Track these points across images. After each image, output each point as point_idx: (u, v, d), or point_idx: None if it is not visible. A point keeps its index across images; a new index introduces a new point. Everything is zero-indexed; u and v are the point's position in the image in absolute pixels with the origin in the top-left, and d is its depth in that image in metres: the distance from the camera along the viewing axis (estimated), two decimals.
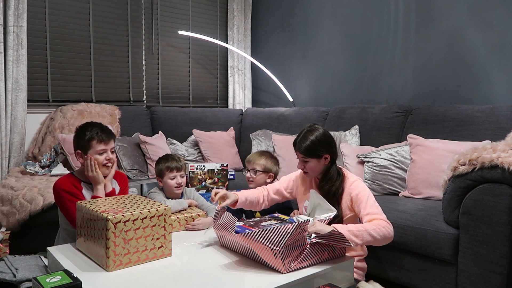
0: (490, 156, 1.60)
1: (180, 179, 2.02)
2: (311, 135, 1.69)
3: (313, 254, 1.38)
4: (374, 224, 1.52)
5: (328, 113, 3.17)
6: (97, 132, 1.74)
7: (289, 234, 1.29)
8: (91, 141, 1.72)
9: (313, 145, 1.68)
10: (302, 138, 1.71)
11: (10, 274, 1.53)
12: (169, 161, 2.04)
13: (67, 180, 1.75)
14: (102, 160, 1.74)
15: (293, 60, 3.79)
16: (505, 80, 2.42)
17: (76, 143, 1.76)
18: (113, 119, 3.09)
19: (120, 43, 3.43)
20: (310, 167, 1.71)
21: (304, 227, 1.35)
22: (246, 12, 4.09)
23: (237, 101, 4.10)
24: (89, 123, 1.80)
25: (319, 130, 1.71)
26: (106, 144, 1.75)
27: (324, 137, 1.71)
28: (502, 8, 2.41)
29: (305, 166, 1.72)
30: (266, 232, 1.32)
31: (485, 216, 1.59)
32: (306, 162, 1.71)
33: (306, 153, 1.69)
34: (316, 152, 1.68)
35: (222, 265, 1.41)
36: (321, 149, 1.68)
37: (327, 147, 1.70)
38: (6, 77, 2.73)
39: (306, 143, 1.69)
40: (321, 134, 1.70)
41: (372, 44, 3.12)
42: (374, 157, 2.40)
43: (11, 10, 2.70)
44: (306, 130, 1.73)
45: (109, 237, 1.34)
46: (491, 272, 1.58)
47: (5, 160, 2.77)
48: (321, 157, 1.69)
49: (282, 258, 1.30)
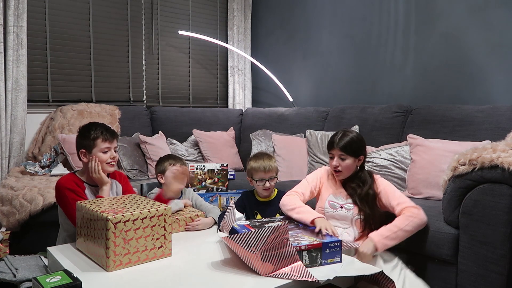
0: (490, 156, 1.60)
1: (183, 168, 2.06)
2: (350, 134, 1.80)
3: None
4: (406, 218, 1.64)
5: (328, 113, 3.17)
6: (101, 131, 1.76)
7: (266, 238, 1.28)
8: (96, 139, 1.75)
9: (354, 142, 1.77)
10: (342, 135, 1.79)
11: (10, 274, 1.53)
12: (171, 157, 2.11)
13: (70, 178, 1.76)
14: (106, 159, 1.77)
15: (293, 60, 3.79)
16: (505, 80, 2.42)
17: (79, 143, 1.78)
18: (113, 119, 3.09)
19: (120, 43, 3.43)
20: (347, 165, 1.77)
21: (283, 229, 1.33)
22: (246, 12, 4.09)
23: (237, 101, 4.10)
24: (92, 123, 1.82)
25: (355, 132, 1.83)
26: (110, 143, 1.78)
27: (361, 138, 1.83)
28: (502, 8, 2.41)
29: (341, 164, 1.77)
30: (245, 236, 1.33)
31: (485, 216, 1.59)
32: (343, 159, 1.77)
33: (346, 149, 1.76)
34: (355, 150, 1.77)
35: (222, 265, 1.41)
36: (360, 148, 1.79)
37: (363, 148, 1.81)
38: (6, 77, 2.73)
39: (346, 139, 1.76)
40: (359, 135, 1.82)
41: (372, 44, 3.12)
42: (374, 157, 2.39)
43: (11, 10, 2.70)
44: (345, 130, 1.82)
45: (109, 237, 1.34)
46: (491, 272, 1.58)
47: (5, 160, 2.77)
48: (358, 156, 1.78)
49: (263, 260, 1.29)
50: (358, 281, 1.42)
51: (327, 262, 1.40)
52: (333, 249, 1.41)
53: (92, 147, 1.74)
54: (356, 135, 1.80)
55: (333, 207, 1.81)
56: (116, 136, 1.83)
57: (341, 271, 1.34)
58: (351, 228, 1.76)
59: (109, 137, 1.77)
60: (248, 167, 2.04)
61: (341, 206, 1.79)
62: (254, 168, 1.99)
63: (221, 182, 2.81)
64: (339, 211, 1.79)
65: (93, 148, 1.75)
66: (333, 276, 1.27)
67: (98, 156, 1.75)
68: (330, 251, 1.40)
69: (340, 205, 1.80)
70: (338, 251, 1.42)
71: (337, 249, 1.41)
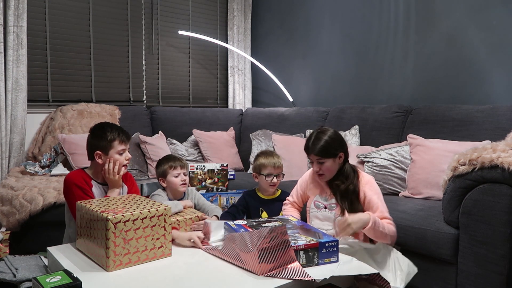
0: (490, 156, 1.59)
1: (184, 176, 2.03)
2: (323, 136, 1.71)
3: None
4: (388, 225, 1.61)
5: (328, 113, 3.17)
6: (118, 132, 1.77)
7: (264, 237, 1.29)
8: (113, 141, 1.75)
9: (328, 145, 1.69)
10: (315, 139, 1.71)
11: (10, 274, 1.54)
12: (171, 160, 2.05)
13: (79, 175, 1.76)
14: (123, 161, 1.77)
15: (293, 60, 3.79)
16: (505, 80, 2.42)
17: (95, 144, 1.76)
18: (113, 119, 3.09)
19: (120, 43, 3.43)
20: (327, 168, 1.71)
21: (281, 230, 1.33)
22: (246, 12, 4.09)
23: (237, 101, 4.10)
24: (105, 123, 1.82)
25: (329, 130, 1.74)
26: (126, 145, 1.79)
27: (337, 136, 1.74)
28: (502, 8, 2.41)
29: (321, 168, 1.72)
30: (242, 236, 1.33)
31: (485, 216, 1.59)
32: (322, 163, 1.71)
33: (322, 154, 1.69)
34: (331, 151, 1.70)
35: (222, 265, 1.41)
36: (336, 148, 1.71)
37: (341, 145, 1.73)
38: (6, 77, 2.73)
39: (320, 144, 1.69)
40: (333, 133, 1.73)
41: (372, 44, 3.12)
42: (374, 157, 2.40)
43: (11, 10, 2.70)
44: (317, 132, 1.74)
45: (109, 237, 1.34)
46: (491, 272, 1.58)
47: (5, 160, 2.77)
48: (336, 156, 1.71)
49: (260, 260, 1.30)
50: (358, 281, 1.42)
51: (324, 261, 1.40)
52: (330, 249, 1.41)
53: (109, 148, 1.74)
54: (330, 135, 1.71)
55: (318, 207, 1.81)
56: (130, 137, 1.86)
57: (338, 271, 1.35)
58: (333, 230, 1.73)
59: (125, 139, 1.79)
60: (257, 163, 2.07)
61: (325, 207, 1.78)
62: (264, 164, 2.03)
63: (221, 182, 2.81)
64: (322, 212, 1.78)
65: (109, 149, 1.74)
66: (330, 275, 1.28)
67: (114, 158, 1.75)
68: (327, 250, 1.40)
69: (324, 205, 1.78)
70: (335, 251, 1.42)
71: (333, 249, 1.41)
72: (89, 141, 1.79)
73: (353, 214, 1.59)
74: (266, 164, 2.03)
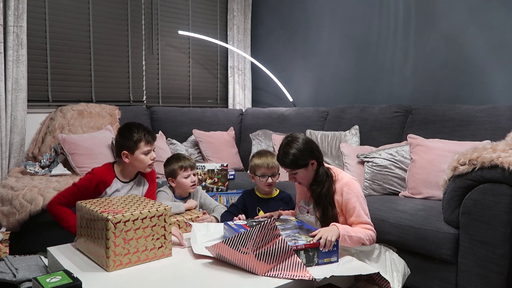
0: (490, 156, 1.60)
1: (194, 177, 2.04)
2: (290, 149, 1.68)
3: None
4: (364, 230, 1.59)
5: (328, 113, 3.17)
6: (144, 133, 1.80)
7: (256, 237, 1.29)
8: (139, 142, 1.79)
9: (296, 158, 1.67)
10: (283, 153, 1.69)
11: (10, 274, 1.53)
12: (181, 160, 2.05)
13: (105, 171, 1.81)
14: (148, 161, 1.81)
15: (293, 60, 3.79)
16: (505, 80, 2.42)
17: (122, 144, 1.80)
18: (113, 119, 3.09)
19: (120, 43, 3.43)
20: (301, 177, 1.72)
21: (271, 226, 1.33)
22: (246, 12, 4.09)
23: (237, 101, 4.10)
24: (133, 123, 1.85)
25: (298, 140, 1.70)
26: (151, 145, 1.83)
27: (305, 145, 1.69)
28: (502, 8, 2.41)
29: (296, 177, 1.73)
30: (235, 239, 1.33)
31: (485, 216, 1.59)
32: (295, 174, 1.71)
33: (292, 166, 1.69)
34: (301, 163, 1.67)
35: (222, 265, 1.41)
36: (305, 158, 1.67)
37: (310, 153, 1.69)
38: (6, 77, 2.73)
39: (289, 158, 1.67)
40: (300, 143, 1.69)
41: (372, 44, 3.12)
42: (374, 157, 2.39)
43: (11, 10, 2.70)
44: (285, 144, 1.71)
45: (109, 237, 1.34)
46: (491, 272, 1.58)
47: (5, 160, 2.77)
48: (307, 165, 1.68)
49: (258, 259, 1.29)
50: (358, 281, 1.43)
51: (324, 261, 1.40)
52: (330, 249, 1.41)
53: (135, 149, 1.78)
54: (297, 148, 1.67)
55: (301, 212, 1.82)
56: (156, 138, 1.89)
57: (338, 271, 1.35)
58: None
59: (150, 139, 1.82)
60: (252, 164, 2.06)
61: (307, 211, 1.79)
62: (257, 165, 2.02)
63: (221, 182, 2.81)
64: (305, 216, 1.79)
65: (135, 150, 1.78)
66: (330, 275, 1.28)
67: (140, 158, 1.79)
68: (327, 250, 1.40)
69: (306, 209, 1.80)
70: (335, 251, 1.42)
71: (333, 249, 1.42)
72: (117, 140, 1.84)
73: (323, 228, 1.54)
74: (259, 164, 2.01)
